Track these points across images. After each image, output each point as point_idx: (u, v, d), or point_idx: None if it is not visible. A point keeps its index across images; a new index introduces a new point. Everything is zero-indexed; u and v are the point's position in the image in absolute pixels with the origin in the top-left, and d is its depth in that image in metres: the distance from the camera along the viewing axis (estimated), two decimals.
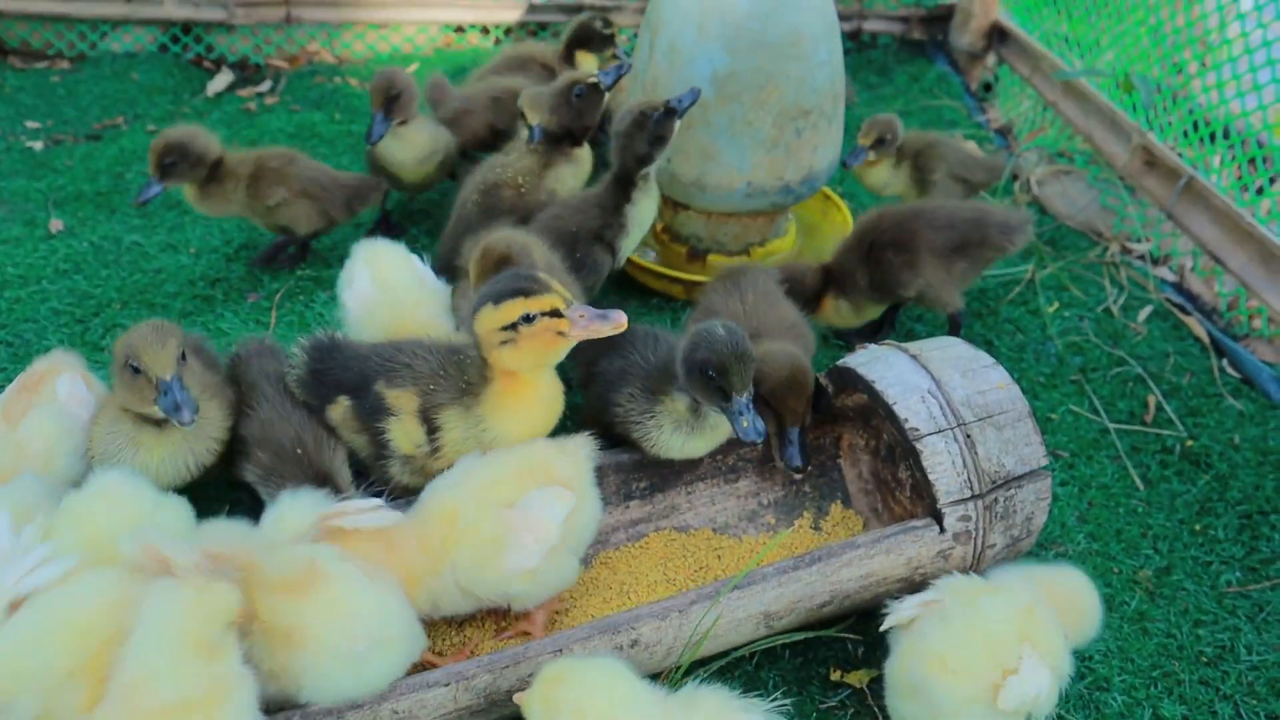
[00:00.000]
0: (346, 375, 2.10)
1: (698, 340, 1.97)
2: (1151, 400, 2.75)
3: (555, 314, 1.90)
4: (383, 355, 2.08)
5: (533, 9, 4.62)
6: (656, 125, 2.60)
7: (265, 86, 4.42)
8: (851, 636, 2.08)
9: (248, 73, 4.55)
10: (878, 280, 2.73)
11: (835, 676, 2.04)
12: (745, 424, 1.95)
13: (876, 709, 1.98)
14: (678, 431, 2.10)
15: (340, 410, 2.09)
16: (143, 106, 4.25)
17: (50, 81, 4.41)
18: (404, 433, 2.01)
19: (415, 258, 2.55)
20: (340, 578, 1.66)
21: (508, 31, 4.72)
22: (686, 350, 1.99)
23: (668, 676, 1.89)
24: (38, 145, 3.94)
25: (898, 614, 1.81)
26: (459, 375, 2.00)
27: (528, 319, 1.89)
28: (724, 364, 1.93)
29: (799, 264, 2.83)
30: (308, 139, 3.94)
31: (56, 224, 3.43)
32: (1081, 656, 2.09)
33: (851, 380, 2.13)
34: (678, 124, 2.63)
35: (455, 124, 3.36)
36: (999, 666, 1.70)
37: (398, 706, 1.65)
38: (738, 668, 2.03)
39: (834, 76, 2.91)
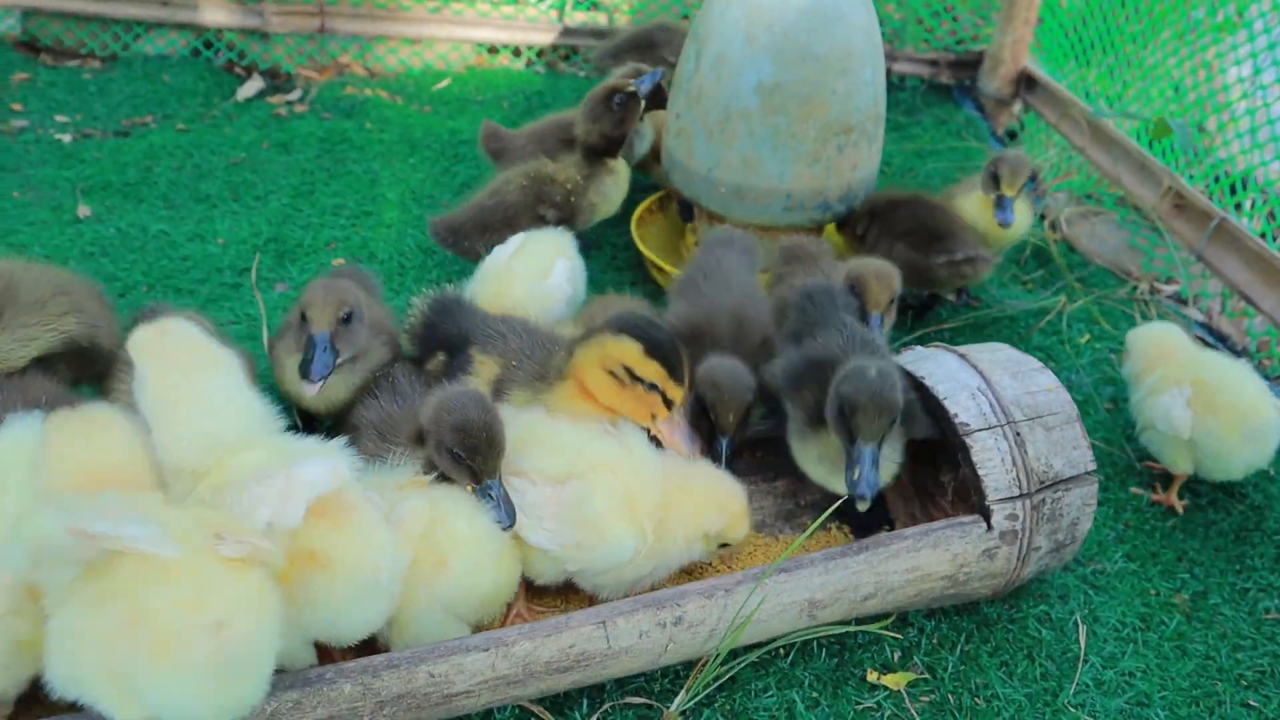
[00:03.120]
0: (453, 333, 2.19)
1: (847, 374, 1.87)
2: None
3: (667, 404, 1.92)
4: (488, 322, 2.18)
5: (566, 32, 4.66)
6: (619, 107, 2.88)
7: (295, 95, 4.43)
8: (892, 635, 2.03)
9: (278, 81, 4.57)
10: None
11: (872, 678, 1.99)
12: (856, 474, 1.82)
13: (914, 712, 1.93)
14: (821, 464, 2.03)
15: (436, 365, 2.18)
16: (172, 107, 4.26)
17: (82, 79, 4.42)
18: None
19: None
20: (368, 512, 1.63)
21: (540, 54, 4.76)
22: (836, 382, 1.88)
23: (706, 664, 1.85)
24: (66, 138, 3.94)
25: (1178, 424, 2.34)
26: (542, 361, 2.03)
27: (649, 385, 1.89)
28: (855, 405, 1.82)
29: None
30: (338, 144, 3.94)
31: (84, 210, 3.42)
32: (1123, 672, 2.05)
33: None
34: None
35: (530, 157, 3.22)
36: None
37: (434, 670, 1.61)
38: (771, 663, 1.98)
39: (877, 97, 2.93)
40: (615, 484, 1.84)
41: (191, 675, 1.34)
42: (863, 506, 1.84)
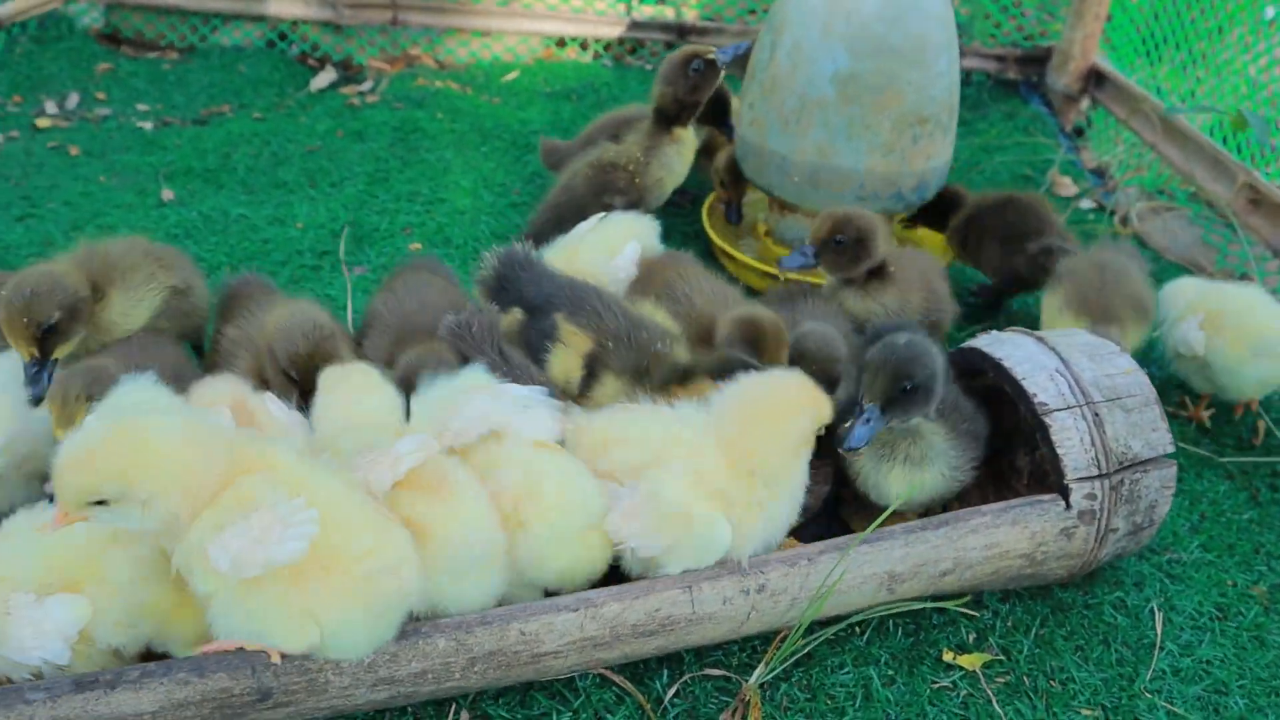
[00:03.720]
0: (532, 293, 2.20)
1: (883, 339, 1.94)
2: (1261, 425, 2.71)
3: None
4: (575, 289, 2.16)
5: (635, 26, 4.70)
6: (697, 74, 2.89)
7: (367, 86, 4.51)
8: (967, 614, 2.04)
9: (350, 72, 4.65)
10: None
11: (948, 658, 2.00)
12: (848, 425, 1.88)
13: (990, 693, 1.94)
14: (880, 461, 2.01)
15: (510, 321, 2.19)
16: (248, 97, 4.36)
17: (161, 70, 4.54)
18: (563, 364, 2.10)
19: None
20: (467, 490, 1.70)
21: (607, 47, 4.81)
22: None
23: (786, 636, 1.87)
24: (148, 126, 4.05)
25: (1194, 344, 2.58)
26: (639, 355, 2.04)
27: None
28: (868, 363, 1.91)
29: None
30: (410, 132, 4.01)
31: (167, 194, 3.52)
32: (1200, 660, 2.05)
33: (977, 360, 2.12)
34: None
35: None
36: None
37: (525, 628, 1.65)
38: (848, 640, 2.00)
39: (951, 88, 2.94)
40: (685, 466, 1.78)
41: (373, 610, 1.53)
42: (850, 456, 1.97)
